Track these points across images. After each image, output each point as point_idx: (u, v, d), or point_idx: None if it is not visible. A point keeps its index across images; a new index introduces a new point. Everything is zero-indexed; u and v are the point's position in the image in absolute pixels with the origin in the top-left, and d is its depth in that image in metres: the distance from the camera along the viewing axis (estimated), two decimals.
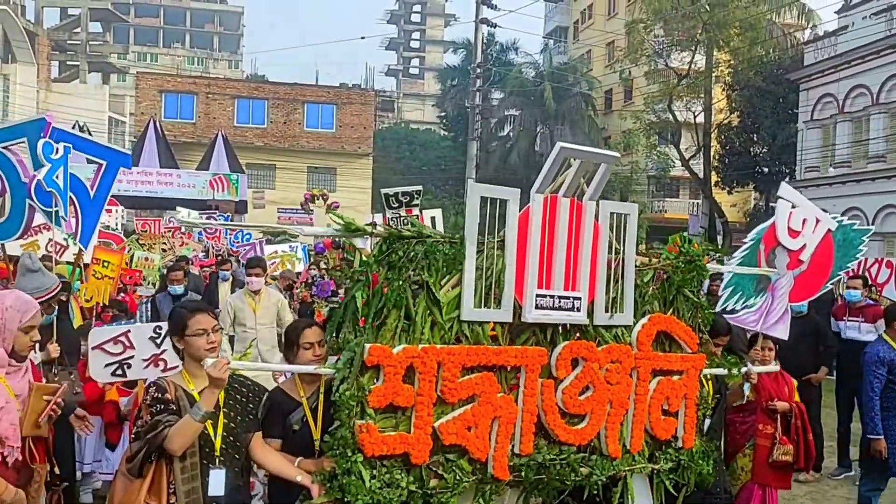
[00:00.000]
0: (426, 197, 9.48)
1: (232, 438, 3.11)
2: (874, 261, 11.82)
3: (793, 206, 4.67)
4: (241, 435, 3.16)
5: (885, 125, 23.15)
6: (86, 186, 5.22)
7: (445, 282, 3.13)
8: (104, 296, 6.45)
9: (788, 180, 28.11)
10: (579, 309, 3.41)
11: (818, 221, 4.73)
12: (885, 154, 23.21)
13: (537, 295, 3.27)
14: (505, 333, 3.32)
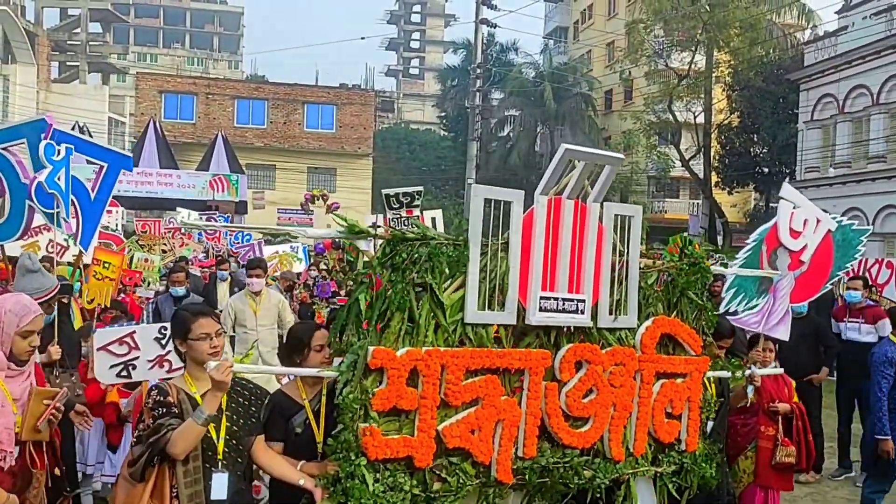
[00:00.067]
0: (426, 197, 9.50)
1: (235, 442, 3.10)
2: (874, 261, 11.81)
3: (794, 207, 4.66)
4: (244, 438, 3.15)
5: (886, 125, 23.15)
6: (87, 188, 5.21)
7: (449, 284, 3.12)
8: (106, 297, 6.43)
9: (789, 181, 28.12)
10: (583, 311, 3.40)
11: (818, 222, 4.72)
12: (886, 154, 23.21)
13: (541, 297, 3.25)
14: (509, 336, 3.30)
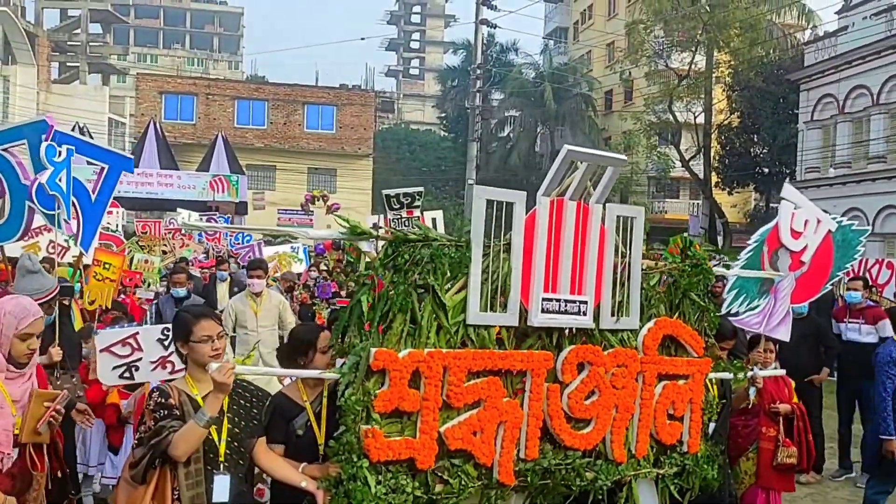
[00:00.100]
0: (426, 198, 9.53)
1: (236, 444, 3.09)
2: (875, 261, 11.82)
3: (795, 207, 4.66)
4: (246, 440, 3.14)
5: (886, 126, 23.14)
6: (87, 190, 5.20)
7: (451, 286, 3.11)
8: (107, 298, 6.42)
9: (789, 181, 28.11)
10: (585, 313, 3.39)
11: (819, 222, 4.72)
12: (886, 155, 23.21)
13: (543, 299, 3.25)
14: (511, 337, 3.29)
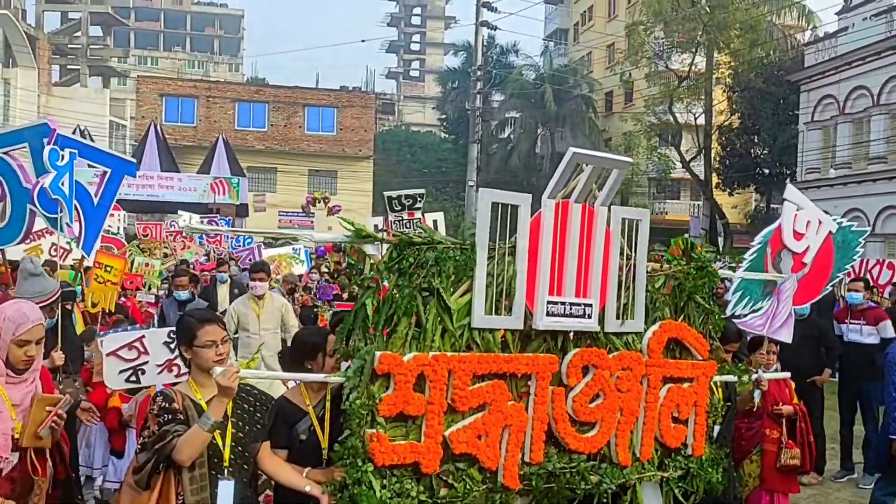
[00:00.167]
0: (427, 200, 9.52)
1: (240, 448, 3.07)
2: (875, 262, 11.83)
3: (798, 209, 4.66)
4: (250, 445, 3.12)
5: (886, 126, 23.14)
6: (89, 193, 5.20)
7: (455, 289, 3.10)
8: (110, 301, 6.41)
9: (789, 182, 28.10)
10: (590, 316, 3.37)
11: (820, 223, 4.72)
12: (886, 155, 23.20)
13: (548, 302, 3.23)
14: (516, 340, 3.28)
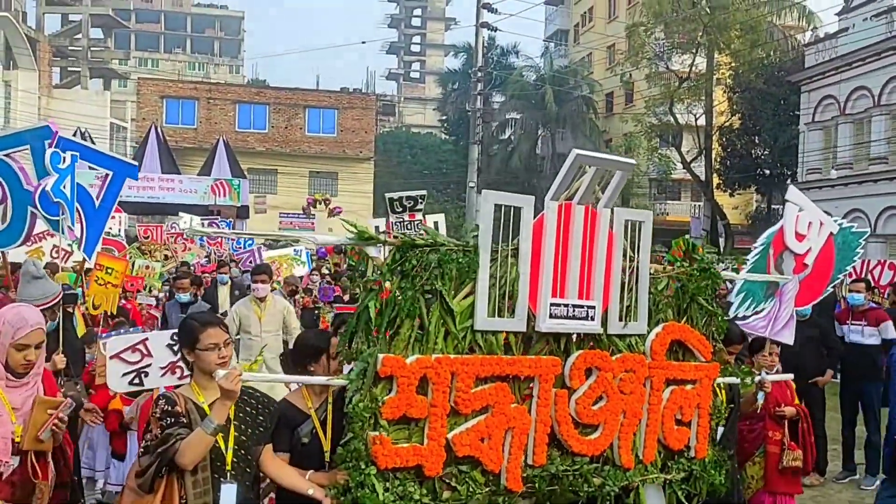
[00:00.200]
0: (427, 201, 9.51)
1: (243, 452, 3.07)
2: (877, 263, 11.82)
3: (800, 210, 4.65)
4: (252, 448, 3.11)
5: (887, 127, 23.12)
6: (91, 196, 5.19)
7: (458, 291, 3.09)
8: (112, 304, 6.40)
9: (790, 182, 28.07)
10: (593, 318, 3.37)
11: (822, 224, 4.72)
12: (887, 156, 23.19)
13: (551, 304, 3.22)
14: (518, 343, 3.27)
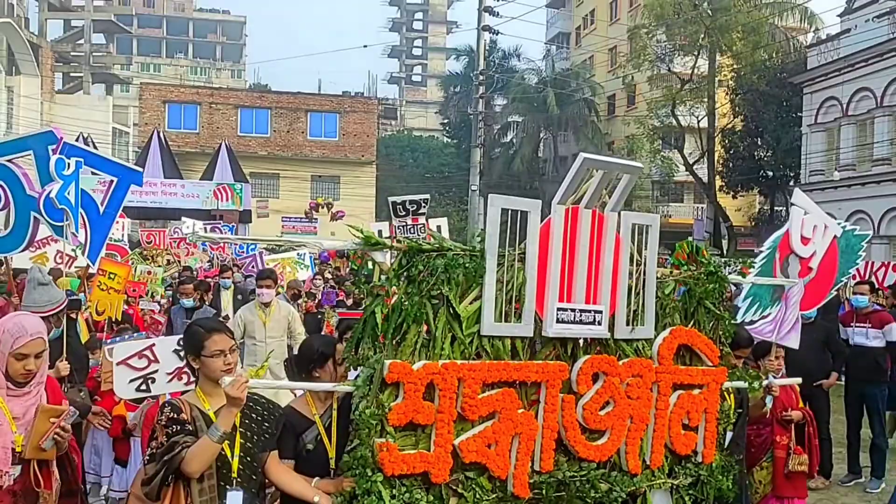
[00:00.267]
0: (429, 204, 9.52)
1: (249, 459, 3.04)
2: (880, 264, 11.78)
3: (805, 213, 4.63)
4: (258, 455, 3.09)
5: (890, 128, 23.08)
6: (95, 202, 5.18)
7: (465, 296, 3.07)
8: (117, 310, 6.39)
9: (793, 184, 28.03)
10: (600, 322, 3.35)
11: (826, 228, 4.70)
12: (890, 157, 23.14)
13: (558, 308, 3.20)
14: (525, 348, 3.25)
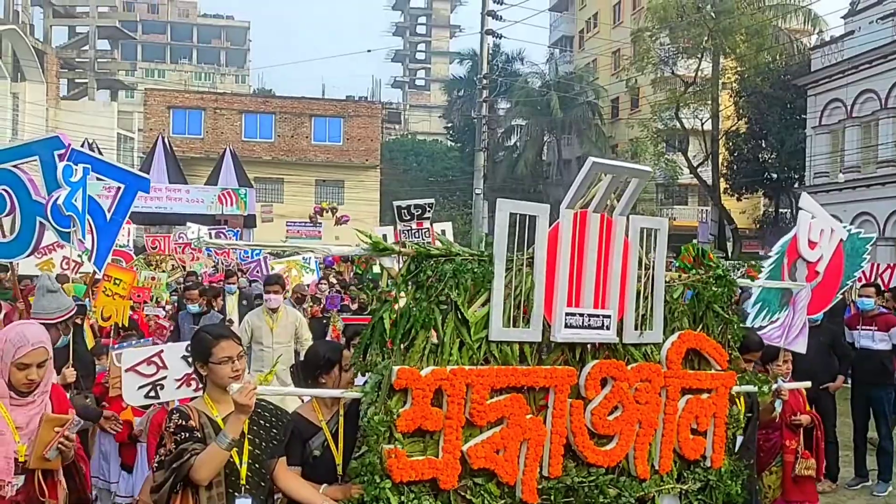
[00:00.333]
0: (433, 208, 9.52)
1: (257, 466, 3.03)
2: (886, 266, 11.72)
3: (812, 217, 4.62)
4: (266, 461, 3.08)
5: (894, 130, 22.99)
6: (102, 209, 5.19)
7: (473, 301, 3.06)
8: (123, 316, 6.39)
9: (798, 186, 27.97)
10: (609, 327, 3.34)
11: (832, 231, 4.68)
12: (895, 159, 23.05)
13: (567, 313, 3.19)
14: (534, 353, 3.24)
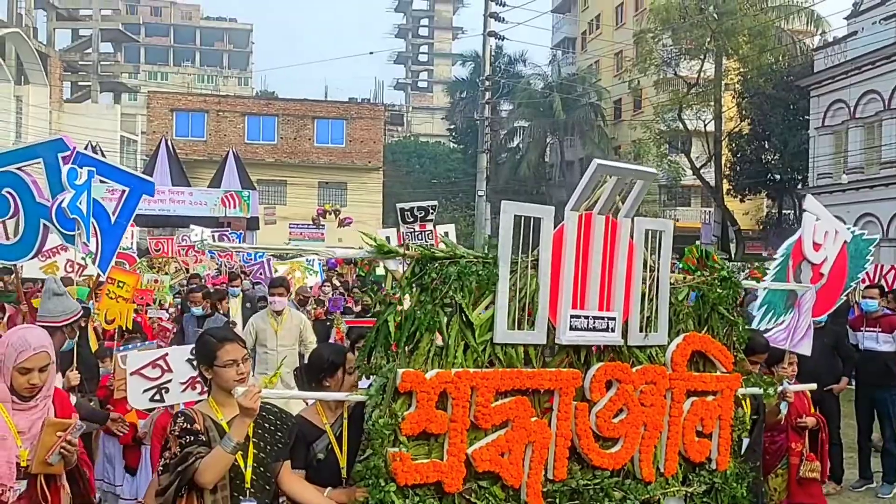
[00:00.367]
0: (436, 210, 9.54)
1: (262, 469, 3.02)
2: (890, 267, 11.68)
3: (816, 219, 4.61)
4: (271, 465, 3.07)
5: None
6: (107, 212, 5.19)
7: (477, 303, 3.05)
8: (127, 319, 6.39)
9: (801, 187, 27.93)
10: (614, 329, 3.32)
11: (837, 233, 4.68)
12: None
13: (571, 315, 3.18)
14: (538, 355, 3.23)
